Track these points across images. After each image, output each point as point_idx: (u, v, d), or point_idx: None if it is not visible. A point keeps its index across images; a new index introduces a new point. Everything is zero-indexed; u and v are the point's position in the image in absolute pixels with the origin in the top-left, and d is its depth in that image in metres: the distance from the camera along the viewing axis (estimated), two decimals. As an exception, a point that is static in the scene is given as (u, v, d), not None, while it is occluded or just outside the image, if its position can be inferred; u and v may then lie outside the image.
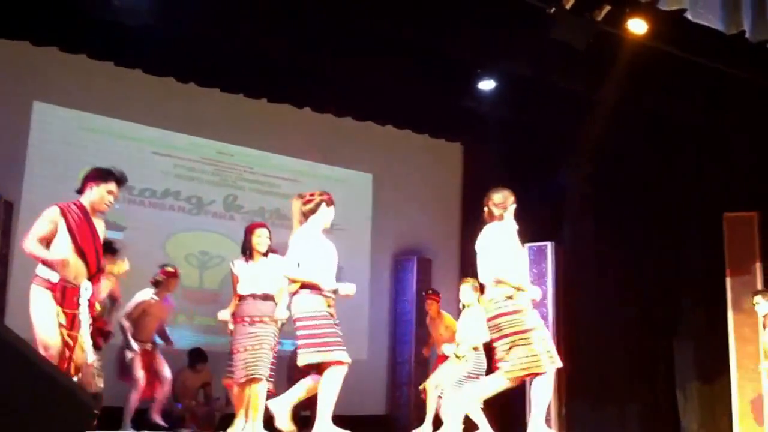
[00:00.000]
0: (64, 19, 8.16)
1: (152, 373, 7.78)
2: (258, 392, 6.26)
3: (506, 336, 5.29)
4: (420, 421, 8.16)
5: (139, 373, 7.55)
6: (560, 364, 5.37)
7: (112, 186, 5.18)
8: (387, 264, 11.03)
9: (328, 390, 5.26)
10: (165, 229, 9.51)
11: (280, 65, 9.20)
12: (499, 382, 5.37)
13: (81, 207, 5.07)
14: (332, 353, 5.23)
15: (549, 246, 9.20)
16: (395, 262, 11.02)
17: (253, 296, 6.42)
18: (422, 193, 11.24)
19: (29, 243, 4.91)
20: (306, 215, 5.55)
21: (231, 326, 6.53)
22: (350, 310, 10.21)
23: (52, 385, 2.95)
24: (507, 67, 9.45)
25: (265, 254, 6.55)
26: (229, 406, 8.74)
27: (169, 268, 7.87)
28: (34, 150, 8.75)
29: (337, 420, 7.40)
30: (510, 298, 5.33)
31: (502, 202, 5.56)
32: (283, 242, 6.76)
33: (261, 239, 6.57)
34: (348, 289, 5.43)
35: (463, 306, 7.69)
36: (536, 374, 5.28)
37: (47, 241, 4.93)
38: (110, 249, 6.52)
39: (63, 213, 4.99)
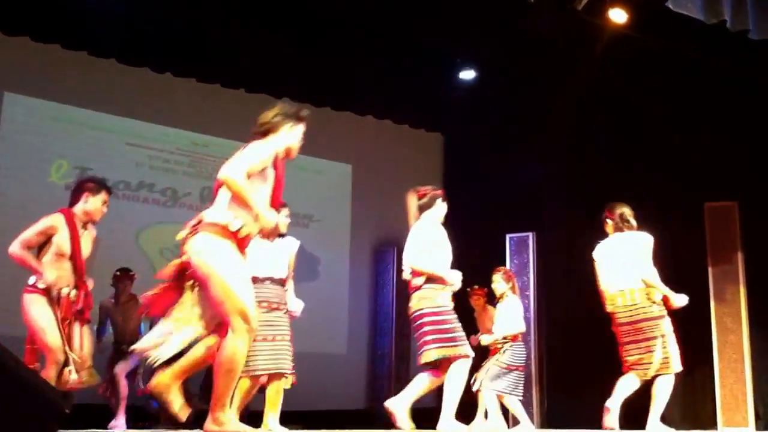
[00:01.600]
0: (36, 8, 8.00)
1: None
2: (281, 389, 5.85)
3: (648, 339, 5.80)
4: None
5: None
6: (680, 368, 5.90)
7: (106, 196, 5.46)
8: (367, 256, 10.91)
9: (456, 384, 5.29)
10: (139, 222, 9.35)
11: (257, 55, 9.08)
12: (633, 383, 5.87)
13: (75, 216, 5.32)
14: (459, 348, 5.26)
15: (530, 236, 9.15)
16: (375, 254, 10.91)
17: (272, 280, 5.85)
18: (402, 183, 11.04)
19: (18, 249, 5.13)
20: (421, 209, 5.60)
21: None
22: (329, 302, 10.20)
23: (21, 384, 2.87)
24: (487, 57, 9.40)
25: (282, 235, 6.03)
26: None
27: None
28: (5, 141, 8.59)
29: (317, 415, 7.33)
30: (654, 303, 5.83)
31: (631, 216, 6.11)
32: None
33: (285, 219, 6.05)
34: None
35: (498, 297, 7.60)
36: (663, 375, 5.82)
37: (36, 246, 5.19)
38: None
39: (67, 221, 5.23)
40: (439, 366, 5.29)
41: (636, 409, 6.14)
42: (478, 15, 8.30)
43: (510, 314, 7.42)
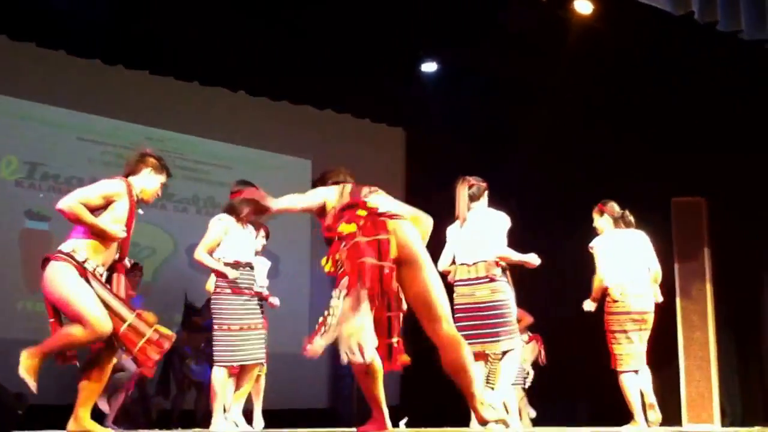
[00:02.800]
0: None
1: None
2: (254, 378, 6.09)
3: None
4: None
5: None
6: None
7: (166, 179, 4.84)
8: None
9: (513, 372, 5.77)
10: (93, 220, 9.03)
11: (212, 47, 8.82)
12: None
13: (132, 188, 4.66)
14: (519, 340, 5.76)
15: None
16: (336, 250, 10.67)
17: (250, 265, 6.04)
18: (364, 179, 10.84)
19: (75, 202, 4.43)
20: (472, 199, 5.73)
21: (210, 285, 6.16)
22: (290, 298, 9.93)
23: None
24: (449, 49, 9.24)
25: (251, 222, 6.22)
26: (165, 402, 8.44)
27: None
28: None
29: (278, 415, 7.14)
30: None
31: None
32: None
33: (261, 240, 6.47)
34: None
35: None
36: None
37: (95, 209, 4.49)
38: None
39: (128, 191, 4.59)
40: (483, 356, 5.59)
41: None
42: (440, 6, 8.13)
43: None
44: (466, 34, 8.57)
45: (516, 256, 5.67)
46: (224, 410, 5.94)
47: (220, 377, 5.90)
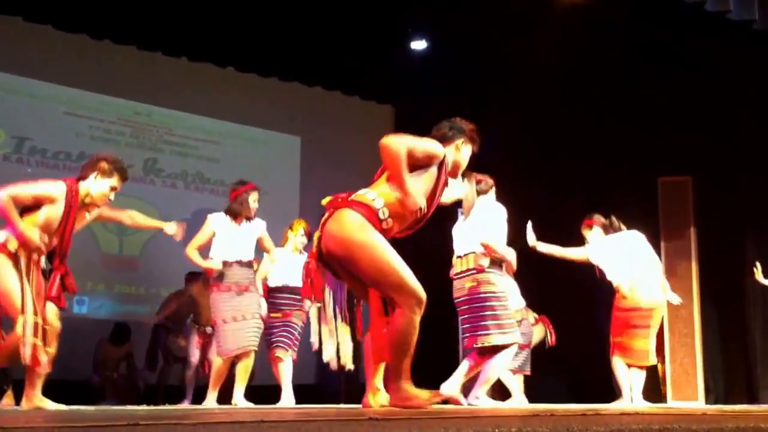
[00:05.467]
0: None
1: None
2: (250, 365, 6.20)
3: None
4: (348, 392, 8.02)
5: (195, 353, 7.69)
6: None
7: (117, 183, 4.86)
8: (315, 228, 10.64)
9: (503, 366, 5.71)
10: (81, 194, 9.02)
11: (201, 22, 8.77)
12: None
13: (78, 193, 4.72)
14: (516, 334, 5.52)
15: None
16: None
17: (240, 263, 6.17)
18: (353, 156, 10.89)
19: (6, 196, 4.51)
20: (479, 194, 5.69)
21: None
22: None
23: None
24: (439, 26, 9.21)
25: (249, 218, 6.30)
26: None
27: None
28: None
29: (266, 390, 7.20)
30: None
31: None
32: (206, 208, 6.44)
33: (256, 203, 6.34)
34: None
35: None
36: None
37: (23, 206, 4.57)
38: None
39: (68, 195, 4.63)
40: (488, 352, 5.42)
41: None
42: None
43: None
44: (455, 10, 8.55)
45: (501, 250, 5.53)
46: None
47: (217, 365, 6.25)
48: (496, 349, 5.39)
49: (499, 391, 7.28)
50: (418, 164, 3.93)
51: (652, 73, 8.45)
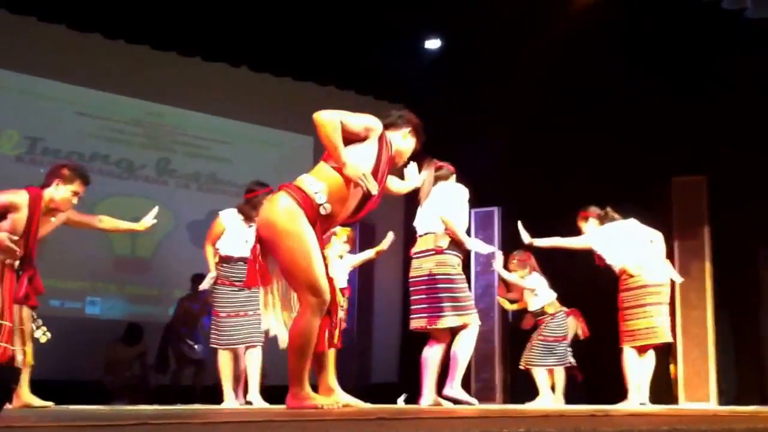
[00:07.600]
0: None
1: None
2: (258, 359, 6.18)
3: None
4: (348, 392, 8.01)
5: None
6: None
7: (79, 188, 5.18)
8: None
9: (468, 351, 5.47)
10: (93, 195, 9.00)
11: (214, 21, 8.78)
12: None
13: (41, 199, 5.06)
14: (474, 315, 5.46)
15: (496, 211, 8.97)
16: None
17: (244, 260, 6.08)
18: (364, 156, 10.93)
19: None
20: (437, 180, 5.67)
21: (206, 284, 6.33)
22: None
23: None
24: (453, 26, 9.20)
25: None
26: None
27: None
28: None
29: (278, 391, 7.20)
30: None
31: None
32: (219, 209, 6.45)
33: None
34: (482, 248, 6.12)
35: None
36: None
37: None
38: None
39: (30, 203, 4.97)
40: (443, 334, 5.44)
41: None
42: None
43: (538, 289, 7.45)
44: (469, 10, 8.54)
45: (461, 235, 5.51)
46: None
47: (221, 359, 6.23)
48: (453, 331, 5.44)
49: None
50: (355, 138, 3.88)
51: (667, 71, 8.41)
